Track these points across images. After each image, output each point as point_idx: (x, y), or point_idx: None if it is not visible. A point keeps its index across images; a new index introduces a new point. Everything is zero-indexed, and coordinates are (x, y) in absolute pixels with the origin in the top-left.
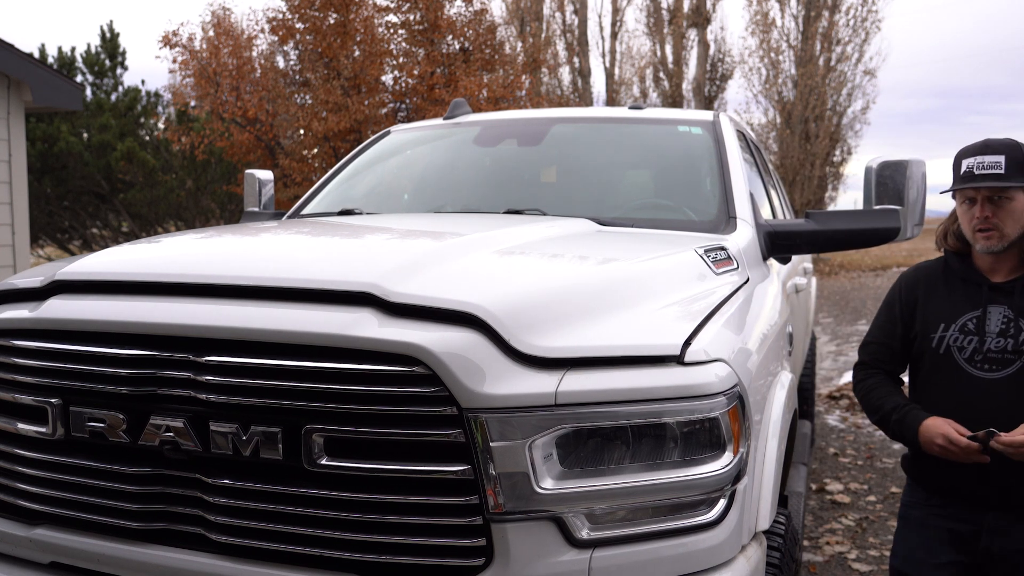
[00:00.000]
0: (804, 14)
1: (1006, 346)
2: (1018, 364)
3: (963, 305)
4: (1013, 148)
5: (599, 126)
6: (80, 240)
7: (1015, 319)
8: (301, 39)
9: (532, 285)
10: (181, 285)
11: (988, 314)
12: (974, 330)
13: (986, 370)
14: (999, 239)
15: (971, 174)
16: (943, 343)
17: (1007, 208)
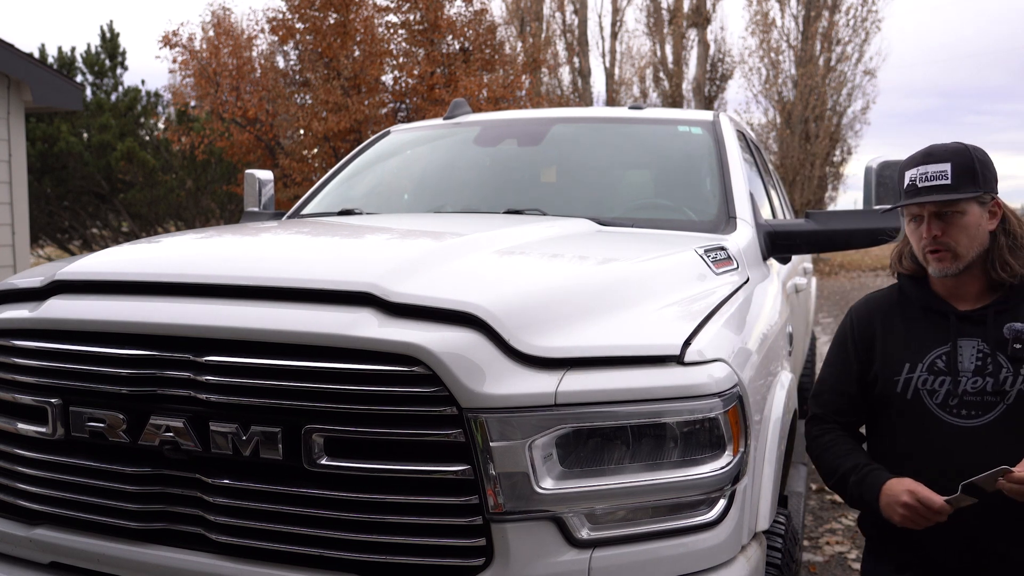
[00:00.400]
0: (804, 14)
1: (985, 386)
2: (1001, 407)
3: (928, 340)
4: (960, 153)
5: (599, 126)
6: (80, 240)
7: (992, 354)
8: (301, 39)
9: (532, 285)
10: (181, 285)
11: (959, 349)
12: (945, 369)
13: (964, 416)
14: (952, 260)
15: (915, 187)
16: (910, 386)
17: (958, 224)
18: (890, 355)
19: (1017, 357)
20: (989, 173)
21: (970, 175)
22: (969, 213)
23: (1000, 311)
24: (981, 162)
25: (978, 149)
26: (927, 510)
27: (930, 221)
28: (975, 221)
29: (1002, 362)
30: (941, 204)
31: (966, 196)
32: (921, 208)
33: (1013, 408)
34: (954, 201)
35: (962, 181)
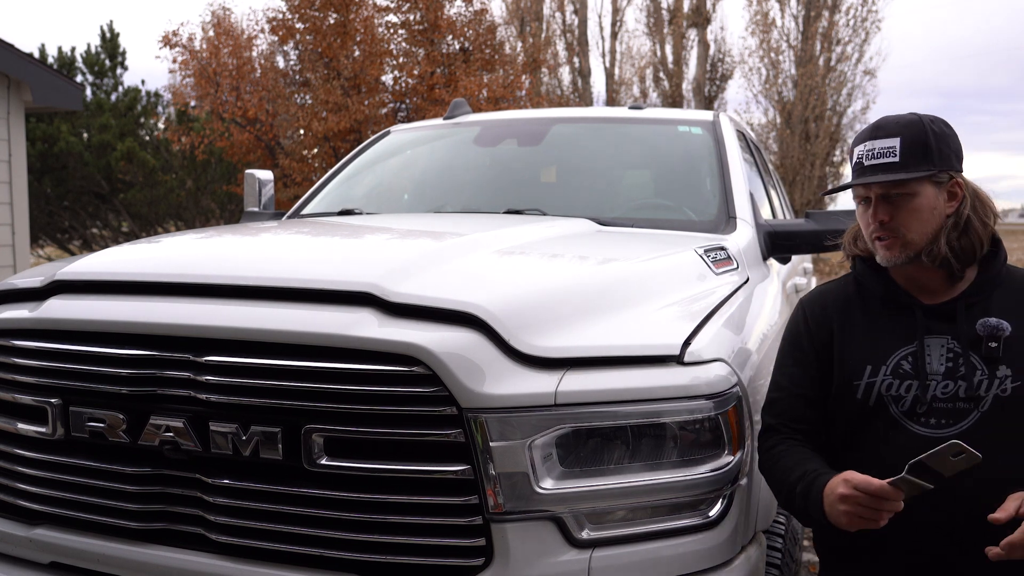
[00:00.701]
0: (804, 14)
1: (957, 391)
2: (975, 415)
3: (891, 338)
4: (911, 126)
5: (599, 126)
6: (80, 240)
7: (964, 353)
8: (301, 39)
9: (532, 285)
10: (181, 285)
11: (927, 349)
12: (912, 371)
13: (934, 426)
14: (900, 248)
15: (861, 166)
16: (872, 392)
17: (908, 207)
18: (849, 357)
19: (992, 357)
20: (948, 148)
21: (921, 150)
22: (921, 195)
23: (971, 303)
24: (937, 135)
25: (937, 120)
26: (869, 497)
27: (877, 204)
28: (928, 204)
29: (975, 363)
30: (888, 185)
31: (915, 175)
32: (867, 189)
33: (989, 416)
34: (903, 181)
35: (912, 158)
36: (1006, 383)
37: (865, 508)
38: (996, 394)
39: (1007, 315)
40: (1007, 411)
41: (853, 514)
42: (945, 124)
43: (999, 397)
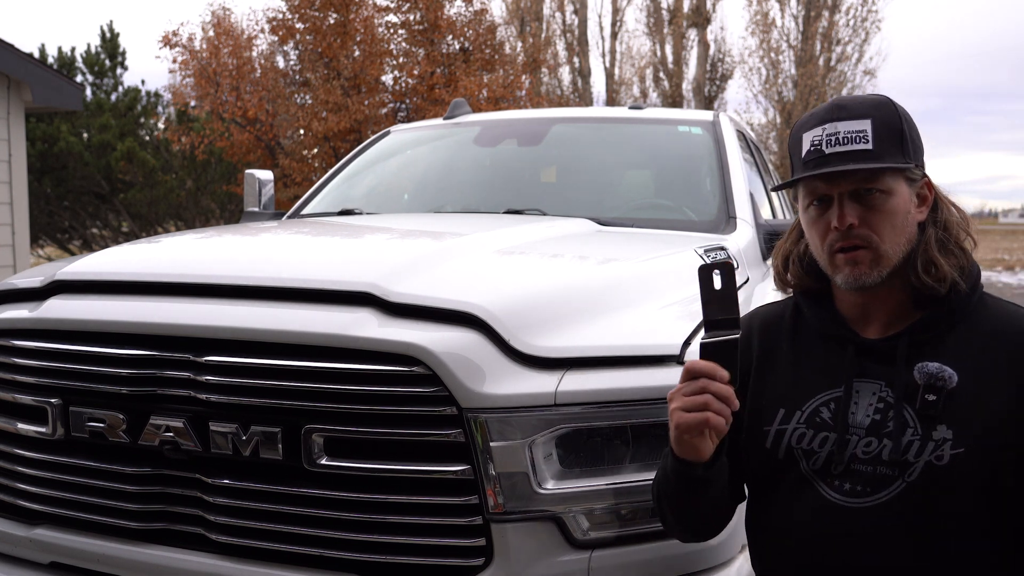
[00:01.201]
0: (804, 14)
1: (880, 452)
2: (899, 485)
3: (816, 378)
4: (882, 107)
5: (599, 126)
6: (80, 240)
7: (896, 405)
8: (301, 39)
9: (532, 285)
10: (181, 285)
11: (855, 395)
12: (830, 422)
13: (848, 492)
14: (872, 264)
15: (819, 154)
16: (782, 442)
17: (883, 208)
18: (763, 396)
19: (927, 414)
20: (918, 140)
21: (897, 138)
22: (896, 194)
23: (918, 342)
24: (908, 122)
25: (902, 106)
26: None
27: (843, 204)
28: (903, 207)
29: (908, 418)
30: (861, 179)
31: (895, 166)
32: (831, 186)
33: (916, 488)
34: (878, 173)
35: (888, 146)
36: (943, 448)
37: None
38: (929, 461)
39: (962, 361)
40: (940, 485)
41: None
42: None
43: (932, 465)
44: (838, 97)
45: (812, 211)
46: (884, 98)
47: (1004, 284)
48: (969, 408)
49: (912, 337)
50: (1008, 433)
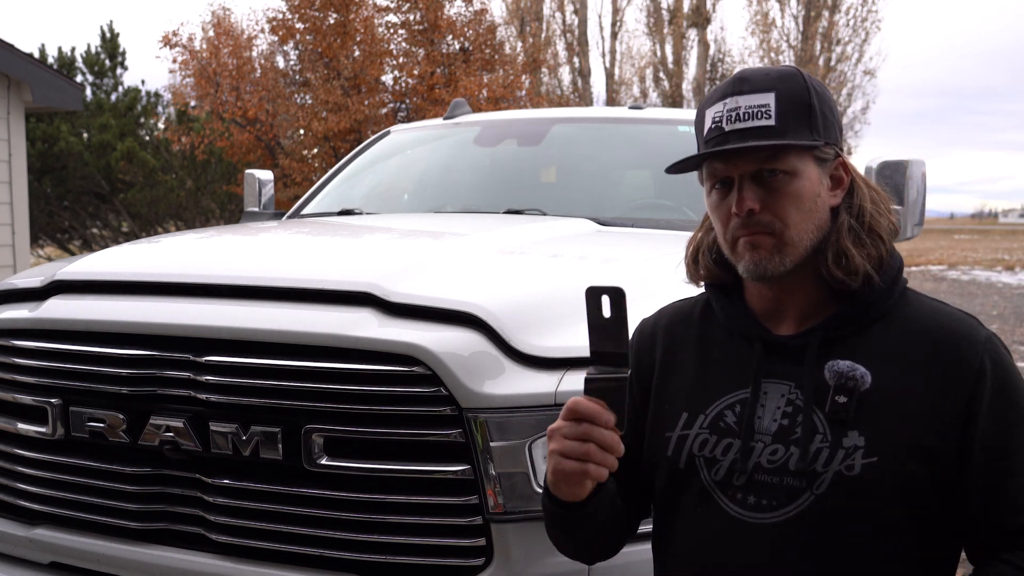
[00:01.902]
0: (804, 14)
1: (787, 460)
2: (807, 498)
3: (723, 379)
4: (788, 79)
5: (599, 126)
6: (80, 240)
7: (805, 409)
8: (301, 39)
9: (532, 285)
10: (181, 285)
11: (763, 397)
12: (735, 427)
13: (752, 506)
14: (775, 251)
15: (720, 131)
16: (683, 449)
17: (787, 191)
18: (666, 398)
19: (838, 418)
20: (832, 116)
21: (805, 112)
22: (803, 175)
23: (832, 339)
24: (820, 96)
25: (814, 78)
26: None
27: (744, 186)
28: (811, 189)
29: (817, 423)
30: (762, 157)
31: (800, 144)
32: (729, 165)
33: (825, 501)
34: (781, 152)
35: (792, 122)
36: (854, 457)
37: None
38: (839, 471)
39: (878, 361)
40: (852, 498)
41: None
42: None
43: (842, 476)
44: (743, 69)
45: (714, 195)
46: (793, 69)
47: (1004, 284)
48: (883, 413)
49: (824, 334)
50: (926, 442)
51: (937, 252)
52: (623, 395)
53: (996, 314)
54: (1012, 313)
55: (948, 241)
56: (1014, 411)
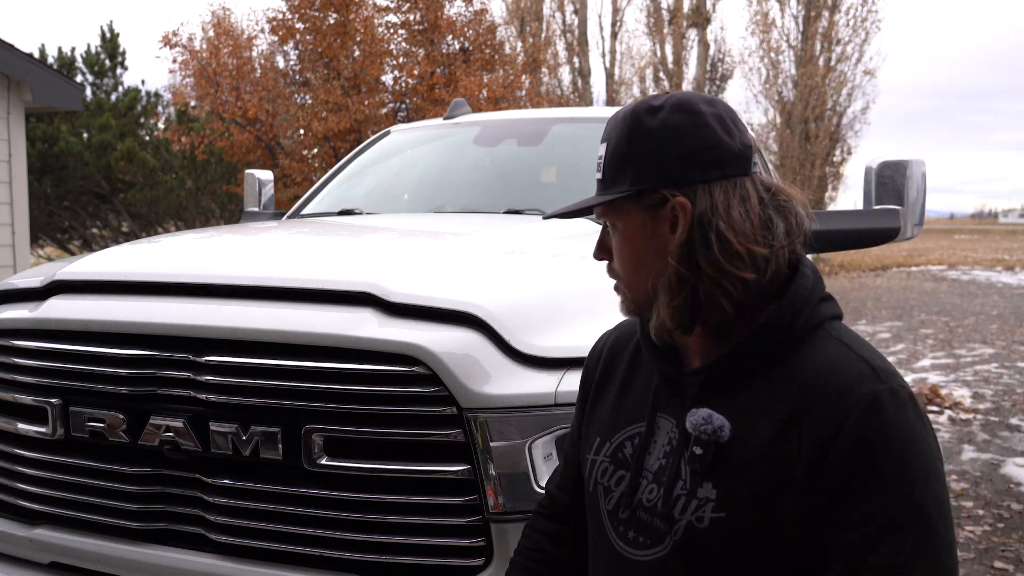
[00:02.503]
0: (804, 14)
1: (656, 502)
2: (668, 544)
3: (632, 408)
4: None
5: (599, 126)
6: (80, 240)
7: (678, 451)
8: (301, 39)
9: (532, 285)
10: (181, 285)
11: (657, 432)
12: (630, 459)
13: (631, 542)
14: (624, 299)
15: None
16: (592, 475)
17: (617, 243)
18: (593, 419)
19: (694, 468)
20: (658, 152)
21: (620, 161)
22: (627, 227)
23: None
24: (642, 134)
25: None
26: None
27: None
28: (636, 239)
29: (683, 469)
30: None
31: (603, 200)
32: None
33: (679, 549)
34: (608, 207)
35: (615, 172)
36: (705, 510)
37: None
38: (691, 521)
39: (749, 411)
40: (703, 549)
41: None
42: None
43: (692, 527)
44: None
45: None
46: (636, 107)
47: (1004, 284)
48: (738, 467)
49: (708, 375)
50: (776, 506)
51: (937, 252)
52: None
53: (996, 314)
54: (1012, 313)
55: (948, 241)
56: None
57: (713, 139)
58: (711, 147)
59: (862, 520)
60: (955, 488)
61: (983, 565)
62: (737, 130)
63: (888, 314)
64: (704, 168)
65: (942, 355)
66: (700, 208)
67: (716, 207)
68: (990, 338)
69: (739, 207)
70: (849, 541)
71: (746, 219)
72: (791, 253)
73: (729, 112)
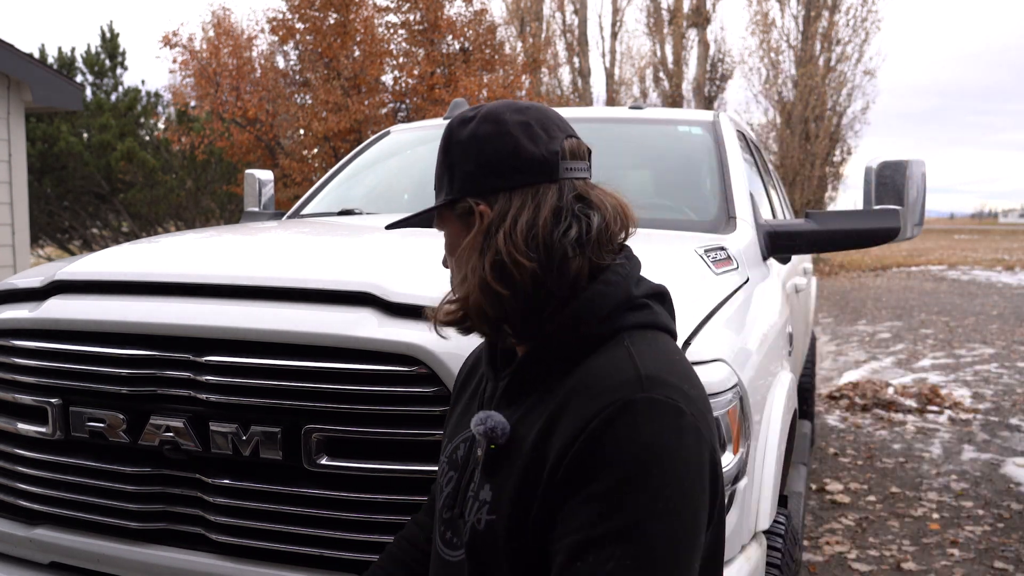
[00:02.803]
0: (804, 14)
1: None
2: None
3: (472, 411)
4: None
5: (599, 126)
6: (80, 240)
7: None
8: (301, 39)
9: None
10: (181, 285)
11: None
12: (460, 462)
13: (446, 542)
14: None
15: None
16: (438, 475)
17: (445, 246)
18: (448, 424)
19: (482, 473)
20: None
21: (440, 172)
22: (447, 234)
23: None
24: (456, 145)
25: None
26: None
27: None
28: (454, 245)
29: (475, 471)
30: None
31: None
32: None
33: (468, 549)
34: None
35: (437, 183)
36: (482, 512)
37: None
38: (473, 523)
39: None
40: (480, 555)
41: None
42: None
43: (475, 529)
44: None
45: None
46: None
47: (1004, 284)
48: (509, 470)
49: (512, 377)
50: (529, 512)
51: (937, 252)
52: None
53: (996, 314)
54: (1012, 313)
55: (948, 241)
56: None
57: (515, 147)
58: (512, 155)
59: (577, 527)
60: (955, 488)
61: (983, 565)
62: (547, 136)
63: (888, 314)
64: (504, 176)
65: (942, 355)
66: (492, 216)
67: (505, 215)
68: (990, 338)
69: (528, 215)
70: (562, 547)
71: (530, 228)
72: (592, 261)
73: (542, 118)
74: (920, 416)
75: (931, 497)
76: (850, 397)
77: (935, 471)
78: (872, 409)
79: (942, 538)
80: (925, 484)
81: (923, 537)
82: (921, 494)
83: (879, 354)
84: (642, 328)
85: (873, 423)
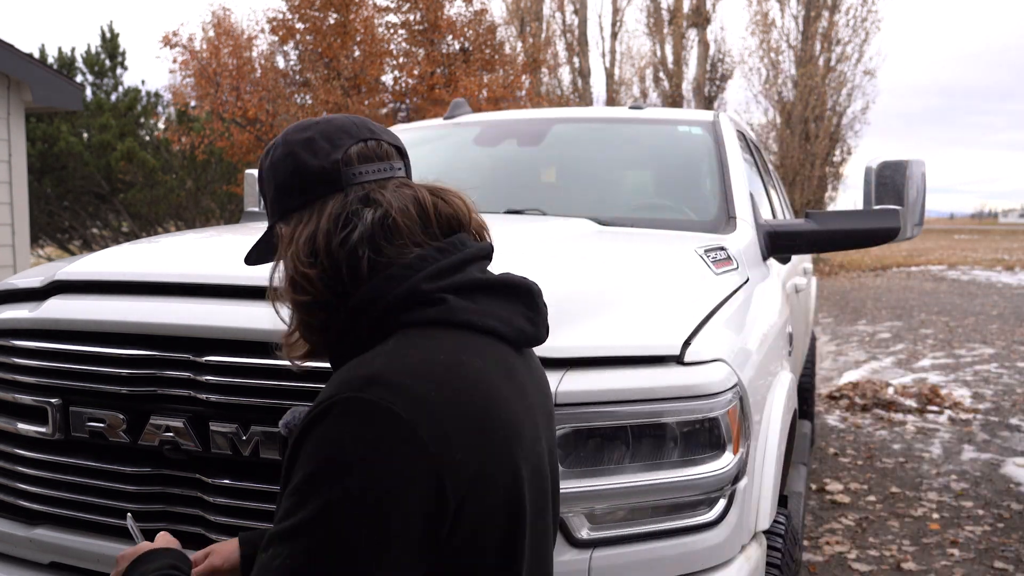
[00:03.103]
0: (804, 14)
1: None
2: None
3: None
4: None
5: (599, 126)
6: (80, 240)
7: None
8: (301, 39)
9: None
10: (181, 285)
11: None
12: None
13: None
14: None
15: None
16: None
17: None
18: None
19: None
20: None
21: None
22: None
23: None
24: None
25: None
26: None
27: None
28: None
29: None
30: None
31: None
32: None
33: None
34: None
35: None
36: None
37: None
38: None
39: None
40: None
41: None
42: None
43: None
44: None
45: None
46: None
47: (1004, 284)
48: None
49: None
50: None
51: (937, 252)
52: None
53: (996, 314)
54: (1012, 313)
55: (948, 241)
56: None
57: (298, 165)
58: (296, 173)
59: (275, 519)
60: (955, 488)
61: (983, 565)
62: (330, 147)
63: (888, 314)
64: (293, 195)
65: (942, 355)
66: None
67: (292, 233)
68: (990, 338)
69: (310, 227)
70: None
71: (311, 239)
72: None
73: (329, 130)
74: (920, 416)
75: (931, 497)
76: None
77: (935, 471)
78: (872, 409)
79: (942, 538)
80: (925, 484)
81: (923, 537)
82: (921, 494)
83: (879, 354)
84: (426, 325)
85: (873, 423)
